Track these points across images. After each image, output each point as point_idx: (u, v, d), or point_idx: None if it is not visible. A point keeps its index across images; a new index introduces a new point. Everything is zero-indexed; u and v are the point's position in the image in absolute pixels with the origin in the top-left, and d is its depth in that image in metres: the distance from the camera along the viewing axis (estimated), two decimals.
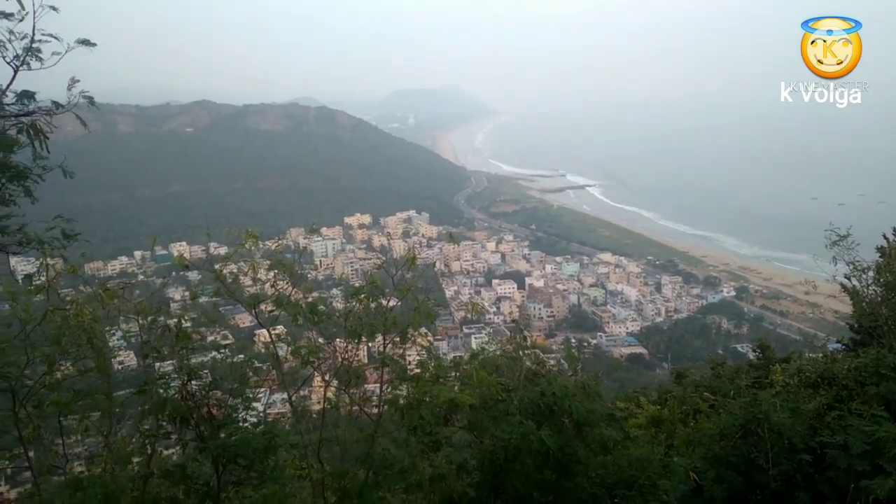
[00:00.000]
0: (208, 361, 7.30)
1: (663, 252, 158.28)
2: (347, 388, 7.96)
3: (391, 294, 7.89)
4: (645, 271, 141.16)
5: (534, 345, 10.98)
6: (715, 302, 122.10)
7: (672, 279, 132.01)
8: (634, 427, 10.63)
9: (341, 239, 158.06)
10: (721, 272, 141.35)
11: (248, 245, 7.69)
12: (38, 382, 6.42)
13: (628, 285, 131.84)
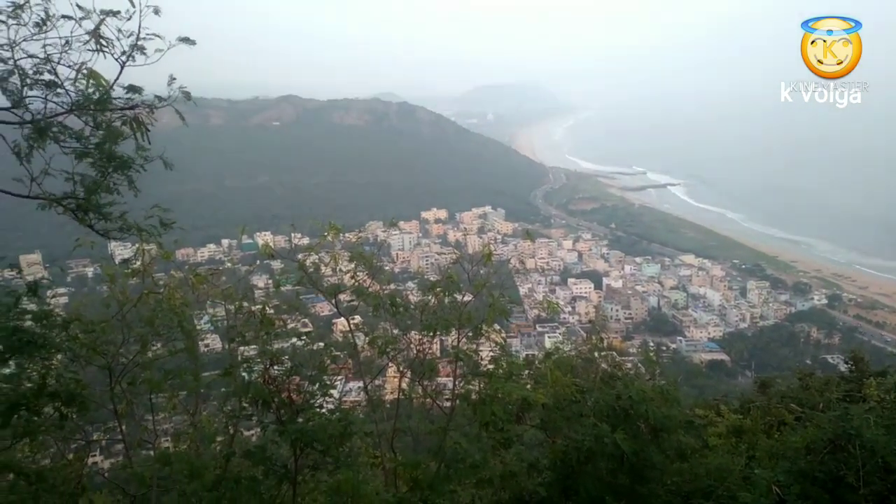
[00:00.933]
0: (288, 348, 7.54)
1: (750, 255, 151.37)
2: (421, 381, 8.04)
3: (466, 289, 7.92)
4: (729, 275, 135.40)
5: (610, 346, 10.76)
6: (804, 309, 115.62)
7: (759, 284, 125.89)
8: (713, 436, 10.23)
9: (418, 233, 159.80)
10: (812, 278, 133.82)
11: (330, 236, 7.91)
12: (133, 361, 6.84)
13: (711, 289, 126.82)
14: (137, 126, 4.98)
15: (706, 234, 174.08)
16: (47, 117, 4.76)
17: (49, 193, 4.94)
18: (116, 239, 5.51)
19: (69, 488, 6.56)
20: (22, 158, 4.68)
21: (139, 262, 6.87)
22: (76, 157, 4.85)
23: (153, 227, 5.53)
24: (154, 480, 6.61)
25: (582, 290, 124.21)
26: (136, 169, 5.06)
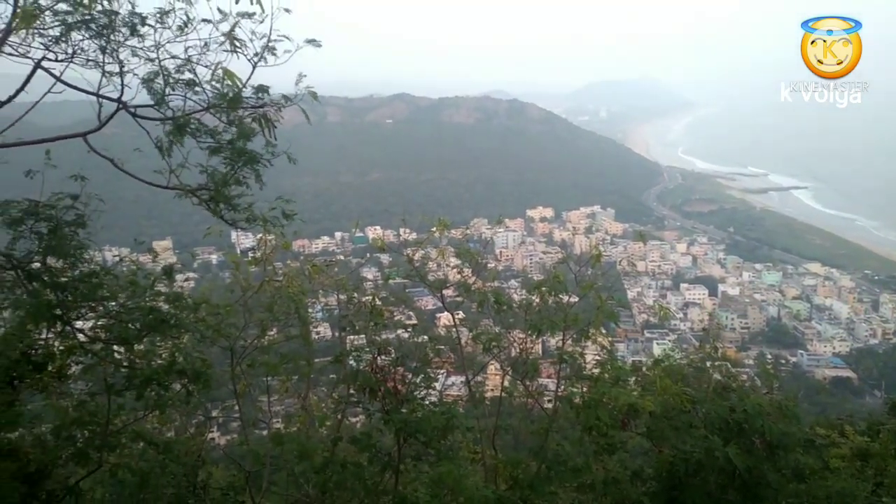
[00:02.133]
0: (394, 339, 7.75)
1: (884, 266, 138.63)
2: (523, 380, 8.02)
3: (572, 290, 7.81)
4: (860, 286, 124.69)
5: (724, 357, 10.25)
6: None
7: (893, 297, 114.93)
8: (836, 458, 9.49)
9: (522, 231, 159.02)
10: None
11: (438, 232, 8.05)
12: (252, 344, 7.28)
13: (839, 300, 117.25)
14: (266, 123, 5.31)
15: (835, 241, 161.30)
16: (186, 115, 5.18)
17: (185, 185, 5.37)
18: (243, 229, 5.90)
19: (191, 460, 7.09)
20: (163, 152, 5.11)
21: (261, 251, 7.30)
22: (210, 152, 5.25)
23: (276, 219, 5.88)
24: (268, 458, 7.01)
25: (695, 296, 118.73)
26: (263, 164, 5.40)
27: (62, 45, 4.92)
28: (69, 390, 6.17)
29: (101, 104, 5.19)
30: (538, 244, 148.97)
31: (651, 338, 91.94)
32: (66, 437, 5.75)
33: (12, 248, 4.95)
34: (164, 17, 5.01)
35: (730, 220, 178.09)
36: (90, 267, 5.23)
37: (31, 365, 5.50)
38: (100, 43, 4.95)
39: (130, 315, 5.38)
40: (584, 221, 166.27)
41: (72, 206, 5.12)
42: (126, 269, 6.04)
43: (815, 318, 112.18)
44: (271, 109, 5.33)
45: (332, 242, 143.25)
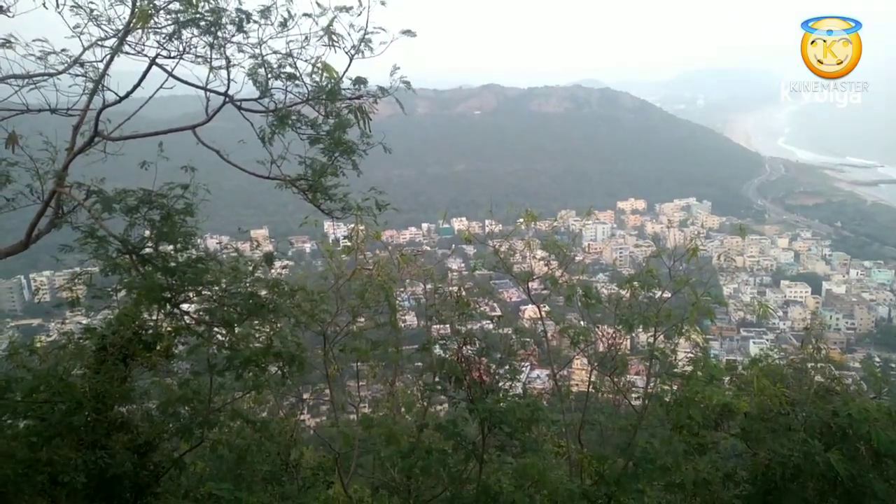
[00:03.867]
0: (479, 330, 7.79)
1: None
2: (611, 375, 7.87)
3: (665, 285, 7.57)
4: None
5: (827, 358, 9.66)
6: None
7: None
8: None
9: (612, 224, 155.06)
10: None
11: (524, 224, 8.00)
12: (344, 330, 7.52)
13: None
14: (362, 115, 5.45)
15: None
16: (287, 106, 5.39)
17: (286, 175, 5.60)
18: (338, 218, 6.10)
19: (285, 439, 7.42)
20: (265, 143, 5.35)
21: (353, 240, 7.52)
22: (310, 143, 5.45)
23: (370, 208, 6.03)
24: (356, 441, 7.24)
25: (797, 293, 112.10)
26: (359, 154, 5.56)
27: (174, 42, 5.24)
28: (175, 369, 6.60)
29: (209, 98, 5.49)
30: (629, 237, 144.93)
31: (748, 336, 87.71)
32: (172, 413, 6.16)
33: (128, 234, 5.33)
34: (266, 13, 5.23)
35: (837, 213, 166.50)
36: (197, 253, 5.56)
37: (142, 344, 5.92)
38: (208, 39, 5.23)
39: (232, 299, 5.69)
40: (679, 214, 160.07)
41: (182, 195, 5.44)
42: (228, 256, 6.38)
43: None
44: (367, 101, 5.46)
45: (419, 233, 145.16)
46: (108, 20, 5.24)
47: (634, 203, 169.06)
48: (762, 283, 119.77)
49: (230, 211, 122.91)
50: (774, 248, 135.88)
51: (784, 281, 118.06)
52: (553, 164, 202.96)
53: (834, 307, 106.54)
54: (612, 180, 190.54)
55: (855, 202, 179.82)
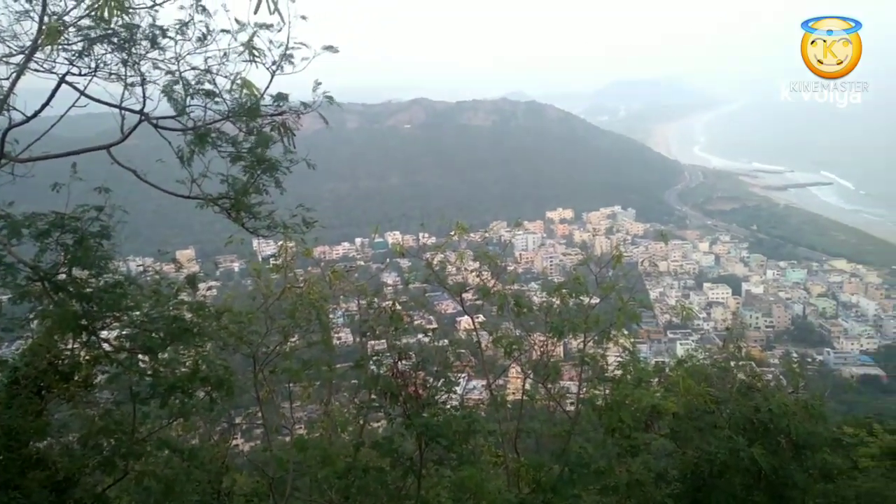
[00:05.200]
0: (415, 343, 7.77)
1: None
2: (545, 383, 7.99)
3: (593, 292, 7.76)
4: (888, 282, 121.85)
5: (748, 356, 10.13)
6: None
7: None
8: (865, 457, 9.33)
9: (542, 233, 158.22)
10: None
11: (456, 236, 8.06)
12: (274, 351, 7.35)
13: (865, 297, 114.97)
14: (285, 131, 5.37)
15: (861, 237, 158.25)
16: (206, 124, 5.25)
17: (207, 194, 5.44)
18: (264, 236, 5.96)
19: (215, 466, 7.16)
20: (184, 162, 5.19)
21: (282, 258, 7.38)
22: (231, 161, 5.31)
23: (297, 226, 5.92)
24: (291, 464, 7.06)
25: (718, 295, 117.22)
26: (282, 171, 5.46)
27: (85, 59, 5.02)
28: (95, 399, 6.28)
29: (124, 116, 5.29)
30: (558, 246, 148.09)
31: (674, 338, 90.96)
32: (93, 445, 5.85)
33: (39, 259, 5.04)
34: (184, 29, 5.09)
35: (752, 217, 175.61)
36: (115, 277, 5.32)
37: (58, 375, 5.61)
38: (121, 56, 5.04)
39: (154, 324, 5.46)
40: (605, 222, 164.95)
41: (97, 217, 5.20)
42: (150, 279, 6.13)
43: (842, 316, 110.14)
44: (290, 117, 5.38)
45: (353, 248, 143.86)
46: (14, 36, 4.98)
47: (563, 212, 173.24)
48: (686, 286, 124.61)
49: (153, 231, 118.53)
50: (696, 251, 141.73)
51: (706, 283, 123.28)
52: (484, 176, 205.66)
53: (753, 307, 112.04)
54: (540, 191, 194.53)
55: (769, 206, 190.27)
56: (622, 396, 6.93)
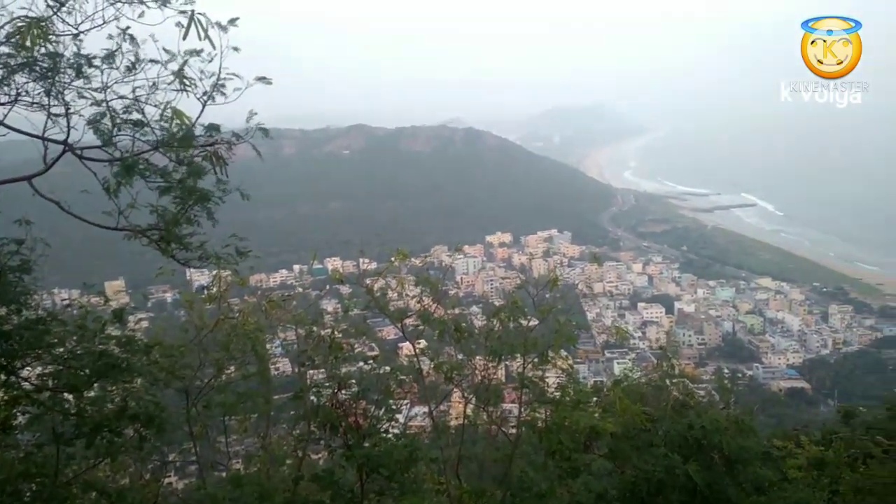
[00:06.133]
0: (356, 372, 7.67)
1: (832, 278, 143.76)
2: (486, 407, 8.00)
3: (531, 314, 7.86)
4: (810, 299, 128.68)
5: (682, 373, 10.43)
6: (892, 335, 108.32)
7: (841, 308, 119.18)
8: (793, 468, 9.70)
9: (482, 257, 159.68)
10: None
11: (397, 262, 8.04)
12: (208, 384, 7.12)
13: (790, 313, 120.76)
14: (217, 161, 5.27)
15: (784, 256, 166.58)
16: (134, 155, 5.10)
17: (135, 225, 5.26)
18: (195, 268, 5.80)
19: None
20: (110, 193, 5.02)
21: (216, 288, 7.19)
22: (160, 192, 5.17)
23: (230, 256, 5.78)
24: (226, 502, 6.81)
25: (652, 314, 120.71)
26: (215, 202, 5.34)
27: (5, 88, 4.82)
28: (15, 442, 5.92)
29: (47, 146, 5.08)
30: (498, 269, 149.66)
31: (612, 358, 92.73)
32: (12, 491, 5.49)
33: None
34: (110, 58, 4.96)
35: (682, 238, 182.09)
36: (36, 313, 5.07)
37: None
38: (44, 85, 4.87)
39: (79, 361, 5.22)
40: (542, 245, 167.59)
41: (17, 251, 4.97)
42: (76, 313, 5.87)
43: (769, 332, 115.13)
44: (222, 147, 5.29)
45: (291, 275, 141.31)
46: None
47: (501, 236, 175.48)
48: (621, 307, 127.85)
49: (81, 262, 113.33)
50: (630, 272, 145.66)
51: (641, 303, 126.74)
52: (424, 202, 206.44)
53: (686, 325, 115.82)
54: (480, 215, 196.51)
55: (697, 227, 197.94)
56: (561, 418, 7.01)
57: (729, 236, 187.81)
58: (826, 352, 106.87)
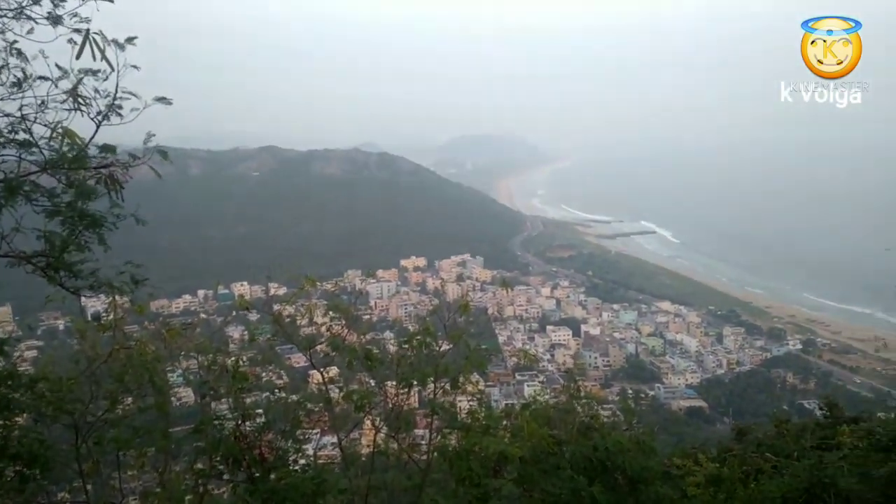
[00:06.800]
0: (263, 401, 7.42)
1: (725, 302, 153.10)
2: (397, 434, 7.92)
3: (443, 339, 7.89)
4: (705, 321, 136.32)
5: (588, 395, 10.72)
6: (780, 355, 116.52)
7: (734, 330, 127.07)
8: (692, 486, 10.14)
9: (396, 281, 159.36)
10: (786, 324, 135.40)
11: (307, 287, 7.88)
12: (101, 418, 6.65)
13: (688, 335, 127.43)
14: (112, 184, 4.98)
15: (682, 280, 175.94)
16: (20, 176, 4.75)
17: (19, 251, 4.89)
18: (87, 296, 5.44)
19: None
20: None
21: (110, 316, 6.77)
22: (47, 216, 4.83)
23: (125, 284, 5.46)
24: None
25: (560, 337, 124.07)
26: (107, 227, 5.04)
27: None
28: None
29: None
30: (412, 293, 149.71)
31: (522, 380, 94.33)
32: None
33: None
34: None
35: (588, 263, 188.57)
36: None
37: None
38: None
39: None
40: (455, 269, 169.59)
41: None
42: None
43: (669, 353, 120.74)
44: (118, 169, 5.02)
45: (195, 302, 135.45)
46: None
47: (416, 260, 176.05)
48: (531, 330, 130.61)
49: None
50: (539, 296, 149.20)
51: (549, 326, 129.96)
52: (337, 225, 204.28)
53: (592, 347, 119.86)
54: (394, 240, 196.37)
55: (601, 253, 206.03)
56: (472, 444, 7.03)
57: (631, 262, 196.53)
58: (721, 371, 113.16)
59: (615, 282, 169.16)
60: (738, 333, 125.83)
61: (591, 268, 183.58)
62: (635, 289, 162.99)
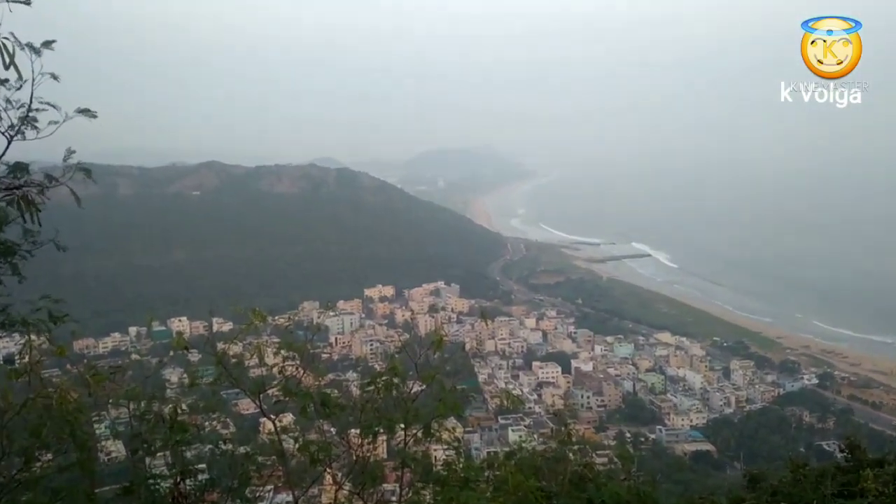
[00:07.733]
0: (206, 454, 7.28)
1: (731, 332, 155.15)
2: (362, 491, 7.82)
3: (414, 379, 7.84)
4: (710, 354, 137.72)
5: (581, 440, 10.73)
6: (794, 391, 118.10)
7: (743, 363, 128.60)
8: None
9: (360, 313, 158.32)
10: (800, 356, 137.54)
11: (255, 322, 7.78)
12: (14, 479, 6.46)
13: (691, 370, 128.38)
14: (27, 206, 4.88)
15: (681, 308, 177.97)
16: None
17: None
18: None
19: None
20: None
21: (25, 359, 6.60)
22: None
23: (42, 322, 5.32)
24: None
25: (548, 374, 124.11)
26: (21, 255, 4.94)
27: None
28: None
29: None
30: (378, 327, 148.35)
31: (506, 424, 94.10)
32: None
33: None
34: None
35: (577, 290, 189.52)
36: None
37: None
38: None
39: None
40: (428, 299, 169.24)
41: None
42: None
43: (671, 390, 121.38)
44: (33, 190, 4.92)
45: (125, 340, 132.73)
46: None
47: (383, 290, 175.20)
48: (515, 366, 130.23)
49: None
50: (523, 328, 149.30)
51: (535, 362, 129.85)
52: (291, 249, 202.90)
53: (584, 385, 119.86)
54: (356, 266, 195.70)
55: (592, 278, 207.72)
56: (448, 500, 6.96)
57: (625, 288, 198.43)
58: (729, 410, 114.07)
59: (608, 311, 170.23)
60: (747, 367, 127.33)
61: (581, 295, 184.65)
62: (631, 318, 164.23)
